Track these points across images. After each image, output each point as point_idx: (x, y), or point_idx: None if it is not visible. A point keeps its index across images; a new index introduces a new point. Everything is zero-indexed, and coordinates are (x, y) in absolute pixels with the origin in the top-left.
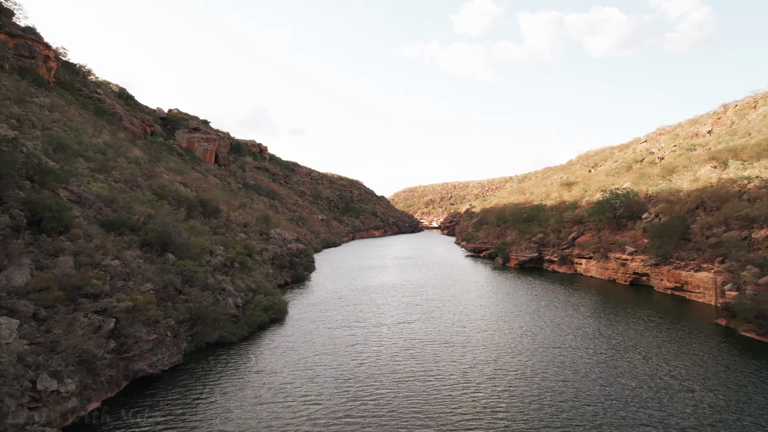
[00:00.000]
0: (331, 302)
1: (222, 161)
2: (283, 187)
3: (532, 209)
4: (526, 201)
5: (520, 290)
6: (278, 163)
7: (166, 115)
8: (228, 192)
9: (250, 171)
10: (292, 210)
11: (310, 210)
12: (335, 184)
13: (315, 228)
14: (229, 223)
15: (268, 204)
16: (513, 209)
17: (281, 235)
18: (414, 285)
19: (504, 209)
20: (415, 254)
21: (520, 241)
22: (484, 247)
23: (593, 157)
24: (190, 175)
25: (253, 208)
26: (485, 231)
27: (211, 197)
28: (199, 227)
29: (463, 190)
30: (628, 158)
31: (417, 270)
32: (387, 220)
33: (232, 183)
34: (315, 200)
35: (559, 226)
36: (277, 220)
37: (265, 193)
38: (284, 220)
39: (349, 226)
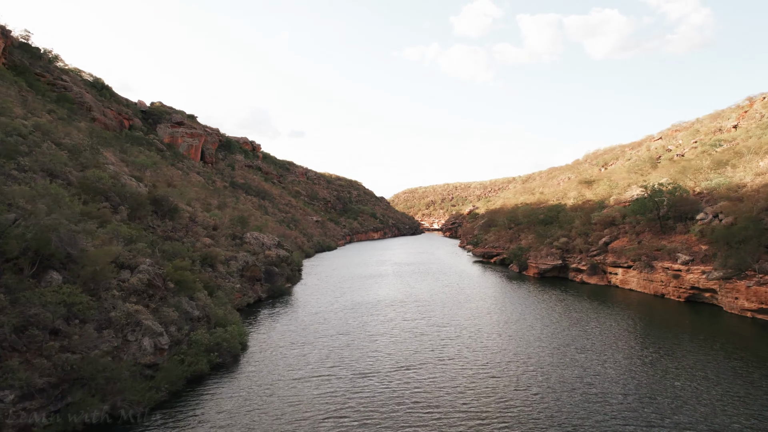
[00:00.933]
0: (309, 329)
1: (209, 158)
2: (275, 187)
3: (551, 210)
4: (539, 201)
5: (552, 310)
6: (272, 162)
7: (147, 108)
8: (210, 191)
9: (241, 169)
10: (284, 211)
11: (304, 211)
12: (333, 185)
13: (308, 230)
14: (192, 225)
15: (257, 204)
16: (527, 210)
17: (259, 240)
18: (418, 302)
19: (515, 210)
20: (416, 259)
21: (539, 246)
22: (494, 252)
23: (602, 155)
24: (162, 171)
25: (238, 208)
26: (495, 234)
27: (166, 194)
28: (127, 231)
29: (464, 191)
30: (642, 156)
31: (420, 280)
32: (386, 222)
33: (217, 182)
34: (311, 201)
35: (586, 229)
36: (263, 222)
37: (255, 192)
38: (273, 222)
39: (346, 228)
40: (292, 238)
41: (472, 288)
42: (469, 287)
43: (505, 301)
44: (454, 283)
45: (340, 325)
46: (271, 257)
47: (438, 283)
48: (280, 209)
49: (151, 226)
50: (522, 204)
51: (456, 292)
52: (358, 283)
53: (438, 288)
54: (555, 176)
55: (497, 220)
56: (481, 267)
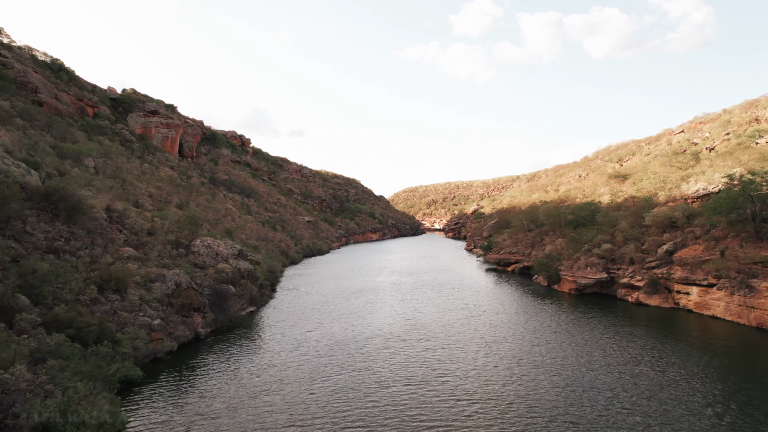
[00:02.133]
0: (247, 408)
1: (188, 152)
2: (264, 184)
3: (582, 209)
4: (560, 199)
5: (623, 350)
6: (264, 158)
7: (118, 95)
8: (181, 187)
9: (225, 165)
10: (271, 210)
11: (294, 210)
12: (329, 183)
13: (298, 232)
14: (110, 230)
15: (239, 203)
16: (550, 209)
17: (212, 249)
18: (424, 338)
19: (533, 209)
20: (419, 266)
21: (574, 254)
22: (512, 259)
23: (615, 151)
24: (114, 162)
25: (212, 207)
26: (511, 237)
27: (59, 185)
28: None
29: (466, 189)
30: (665, 150)
31: (425, 299)
32: (386, 222)
33: (194, 177)
34: (304, 199)
35: (636, 233)
36: (240, 223)
37: (239, 190)
38: (254, 223)
39: (341, 228)
40: (275, 242)
41: (494, 312)
42: (490, 310)
43: (549, 339)
44: (469, 303)
45: (301, 395)
46: (225, 273)
47: (449, 303)
48: (267, 208)
49: (28, 231)
50: (540, 202)
51: (475, 318)
52: (344, 303)
53: (450, 312)
54: (563, 174)
55: (512, 220)
56: (497, 277)
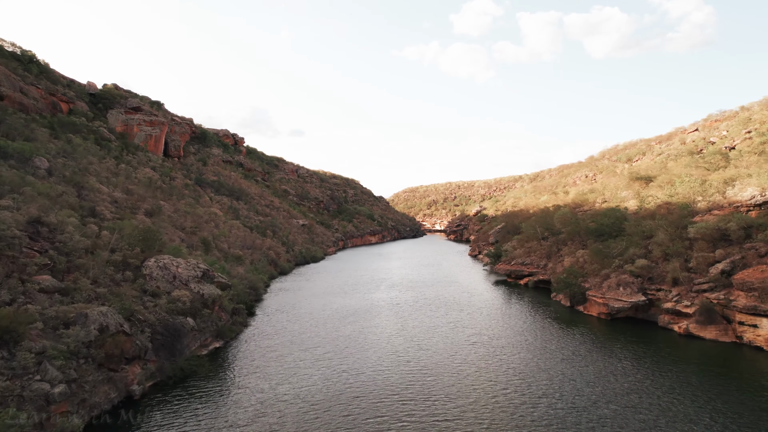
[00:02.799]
0: None
1: (174, 151)
2: (257, 186)
3: (606, 215)
4: (575, 203)
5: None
6: (258, 157)
7: (97, 90)
8: (160, 190)
9: (215, 165)
10: (263, 214)
11: (288, 213)
12: (327, 183)
13: (291, 237)
14: (27, 250)
15: (227, 207)
16: (566, 215)
17: (169, 270)
18: (429, 394)
19: (547, 214)
20: (420, 277)
21: (601, 270)
22: (525, 271)
23: (623, 151)
24: (77, 163)
25: (191, 213)
26: (522, 246)
27: None
28: None
29: (468, 190)
30: (679, 149)
31: (429, 326)
32: (385, 224)
33: (177, 179)
34: (300, 201)
35: (678, 247)
36: (222, 231)
37: (228, 192)
38: (240, 229)
39: (339, 232)
40: (263, 250)
41: (514, 348)
42: (509, 345)
43: (588, 392)
44: (483, 332)
45: None
46: (182, 302)
47: (458, 334)
48: (258, 211)
49: None
50: (552, 206)
51: (492, 359)
52: (332, 333)
53: (461, 349)
54: (569, 174)
55: (521, 226)
56: (509, 292)
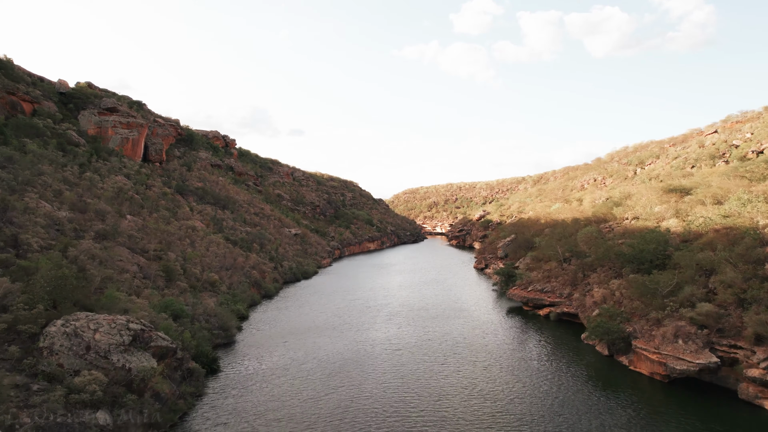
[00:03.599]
0: None
1: (155, 156)
2: (247, 192)
3: (646, 240)
4: (596, 216)
5: None
6: (252, 160)
7: (69, 89)
8: (130, 202)
9: (202, 170)
10: (251, 224)
11: (279, 222)
12: (323, 186)
13: (281, 250)
14: None
15: (211, 217)
16: (592, 235)
17: (83, 338)
18: None
19: (565, 230)
20: (424, 301)
21: (648, 311)
22: (546, 300)
23: (634, 153)
24: (20, 173)
25: (161, 229)
26: (539, 267)
27: None
28: None
29: (469, 191)
30: (698, 153)
31: (437, 388)
32: (384, 229)
33: (155, 187)
34: (294, 206)
35: (759, 291)
36: (200, 251)
37: (213, 200)
38: (221, 245)
39: (335, 240)
40: (245, 270)
41: (546, 418)
42: (539, 416)
43: None
44: (503, 394)
45: None
46: (89, 391)
47: (476, 401)
48: (246, 221)
49: None
50: (569, 219)
51: None
52: (311, 405)
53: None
54: (575, 177)
55: (536, 242)
56: (527, 326)
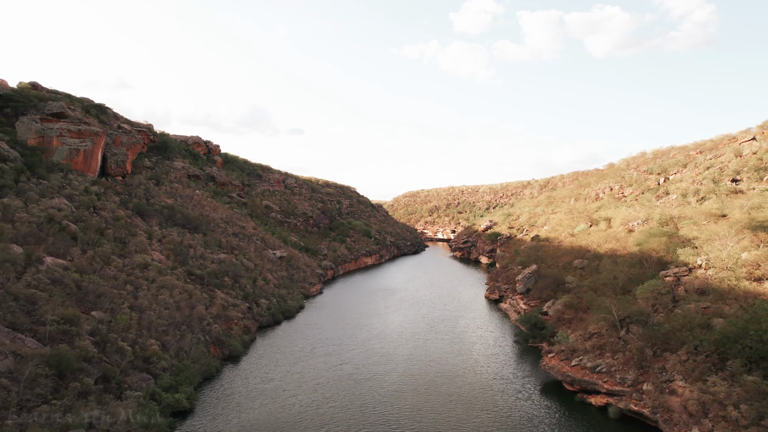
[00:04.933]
0: None
1: (116, 169)
2: (229, 206)
3: (755, 318)
4: (644, 253)
5: None
6: (238, 167)
7: (6, 91)
8: (58, 235)
9: (175, 183)
10: (227, 248)
11: (262, 243)
12: (318, 194)
13: (260, 281)
14: None
15: (174, 246)
16: (659, 292)
17: None
18: None
19: (613, 273)
20: (432, 359)
21: None
22: (602, 387)
23: (653, 161)
24: None
25: (88, 280)
26: (577, 321)
27: None
28: None
29: (472, 195)
30: (737, 164)
31: None
32: (383, 241)
33: (104, 211)
34: (285, 218)
35: None
36: (123, 317)
37: (183, 220)
38: (176, 289)
39: (328, 257)
40: (204, 324)
41: None
42: None
43: None
44: None
45: None
46: None
47: None
48: (222, 245)
49: None
50: (607, 251)
51: None
52: None
53: None
54: (587, 183)
55: (570, 283)
56: (577, 422)
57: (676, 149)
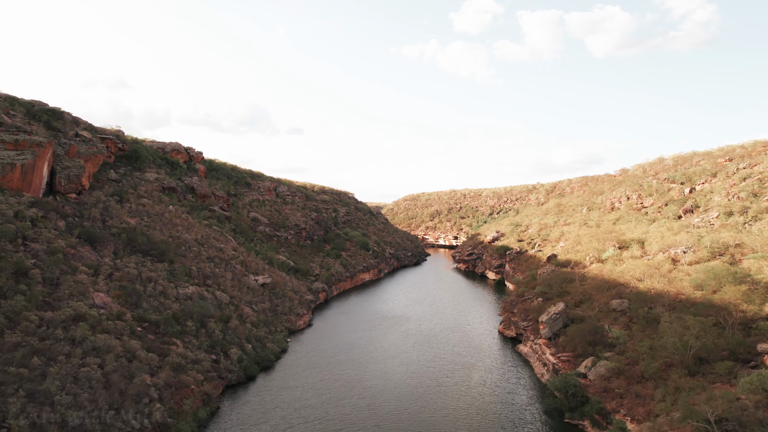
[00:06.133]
0: None
1: (67, 186)
2: (207, 223)
3: None
4: (712, 303)
5: None
6: (226, 174)
7: None
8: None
9: (145, 198)
10: (199, 277)
11: (243, 267)
12: (313, 202)
13: (233, 322)
14: None
15: (126, 282)
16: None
17: None
18: None
19: (687, 339)
20: None
21: None
22: None
23: (674, 168)
24: None
25: None
26: (629, 396)
27: None
28: None
29: (474, 200)
30: None
31: None
32: (382, 253)
33: (38, 241)
34: (275, 231)
35: None
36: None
37: (147, 246)
38: (108, 358)
39: (320, 278)
40: (146, 400)
41: None
42: None
43: None
44: None
45: None
46: None
47: None
48: (192, 274)
49: None
50: (650, 290)
51: None
52: None
53: None
54: (600, 191)
55: (616, 337)
56: None
57: (700, 155)
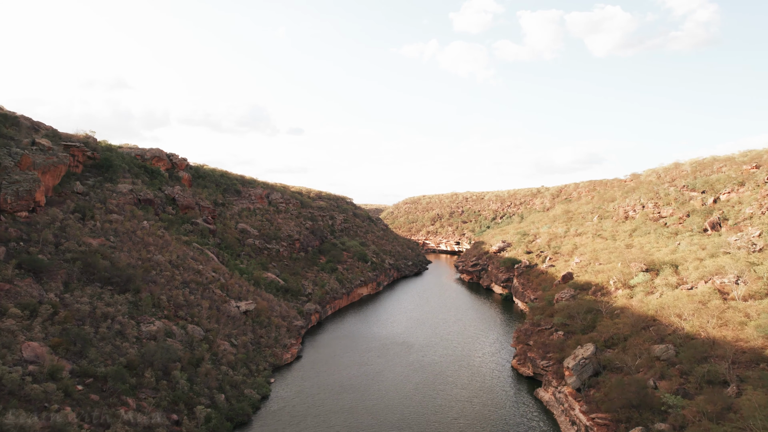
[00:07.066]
0: None
1: (15, 203)
2: (186, 240)
3: None
4: None
5: None
6: (213, 181)
7: None
8: None
9: (114, 213)
10: (168, 309)
11: (223, 291)
12: (308, 209)
13: (204, 369)
14: None
15: (73, 318)
16: None
17: None
18: None
19: None
20: None
21: None
22: None
23: (692, 174)
24: None
25: None
26: None
27: None
28: None
29: (477, 203)
30: None
31: None
32: (382, 264)
33: None
34: (266, 243)
35: None
36: None
37: (105, 274)
38: None
39: (313, 298)
40: None
41: None
42: None
43: None
44: None
45: None
46: None
47: None
48: (161, 305)
49: None
50: (702, 335)
51: None
52: None
53: None
54: (612, 198)
55: (663, 400)
56: None
57: (720, 161)
